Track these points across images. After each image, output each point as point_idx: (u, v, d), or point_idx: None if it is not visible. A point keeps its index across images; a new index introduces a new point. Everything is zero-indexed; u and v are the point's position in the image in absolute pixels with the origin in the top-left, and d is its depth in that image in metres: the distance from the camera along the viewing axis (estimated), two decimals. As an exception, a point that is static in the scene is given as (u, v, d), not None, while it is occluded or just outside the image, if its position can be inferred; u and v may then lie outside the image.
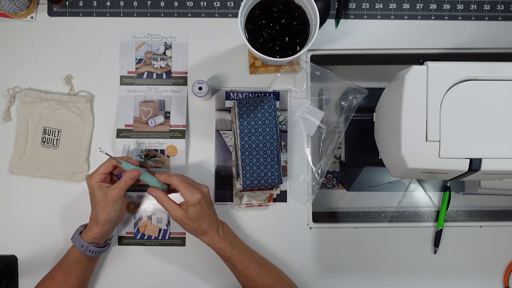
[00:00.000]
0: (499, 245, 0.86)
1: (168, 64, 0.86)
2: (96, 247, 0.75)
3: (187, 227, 0.74)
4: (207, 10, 0.86)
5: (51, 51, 0.86)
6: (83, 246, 0.74)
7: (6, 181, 0.85)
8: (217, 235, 0.75)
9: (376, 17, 0.87)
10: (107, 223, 0.74)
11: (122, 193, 0.73)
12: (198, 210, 0.73)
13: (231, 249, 0.76)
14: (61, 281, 0.75)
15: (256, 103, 0.82)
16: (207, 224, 0.74)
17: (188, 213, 0.72)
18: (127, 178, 0.73)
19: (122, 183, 0.73)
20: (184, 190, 0.72)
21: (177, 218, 0.73)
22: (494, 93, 0.62)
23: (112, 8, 0.86)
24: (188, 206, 0.72)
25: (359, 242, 0.86)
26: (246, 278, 0.76)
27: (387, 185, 1.06)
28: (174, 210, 0.73)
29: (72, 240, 0.76)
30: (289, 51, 0.74)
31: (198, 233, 0.75)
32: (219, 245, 0.75)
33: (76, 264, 0.75)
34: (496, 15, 0.87)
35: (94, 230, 0.74)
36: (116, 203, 0.73)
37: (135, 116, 0.85)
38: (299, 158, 0.86)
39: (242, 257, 0.76)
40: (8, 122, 0.85)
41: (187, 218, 0.73)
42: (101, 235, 0.75)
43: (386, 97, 0.73)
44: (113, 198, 0.72)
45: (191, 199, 0.72)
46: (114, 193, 0.72)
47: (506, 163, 0.61)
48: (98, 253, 0.77)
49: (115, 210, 0.74)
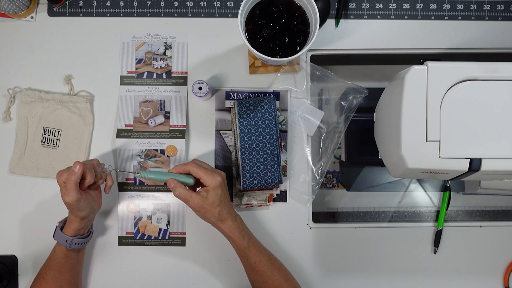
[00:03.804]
0: (499, 245, 0.86)
1: (168, 64, 0.86)
2: (80, 238, 0.75)
3: (209, 214, 0.72)
4: (207, 10, 0.86)
5: (51, 51, 0.86)
6: (68, 241, 0.73)
7: (6, 181, 0.85)
8: (236, 223, 0.75)
9: (376, 17, 0.87)
10: (84, 218, 0.73)
11: (73, 193, 0.68)
12: (220, 193, 0.72)
13: (248, 240, 0.76)
14: (53, 279, 0.75)
15: (256, 103, 0.82)
16: (227, 209, 0.74)
17: (209, 199, 0.71)
18: (68, 176, 0.68)
19: (69, 184, 0.68)
20: (204, 175, 0.71)
21: (197, 205, 0.71)
22: (494, 93, 0.62)
23: (112, 8, 0.86)
24: (209, 191, 0.71)
25: (359, 242, 0.86)
26: (258, 272, 0.76)
27: (387, 185, 1.06)
28: (194, 197, 0.71)
29: (55, 238, 0.75)
30: (289, 51, 0.74)
31: (219, 219, 0.73)
32: (237, 234, 0.74)
33: (64, 260, 0.75)
34: (496, 15, 0.87)
35: (74, 225, 0.73)
36: (77, 203, 0.70)
37: (135, 116, 0.85)
38: (299, 158, 0.86)
39: (257, 250, 0.76)
40: (8, 122, 0.85)
41: (209, 204, 0.71)
42: (83, 227, 0.75)
43: (386, 97, 0.73)
44: (67, 202, 0.69)
45: (212, 183, 0.71)
46: (66, 197, 0.69)
47: (506, 163, 0.61)
48: (84, 244, 0.76)
49: (83, 209, 0.71)
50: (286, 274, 0.78)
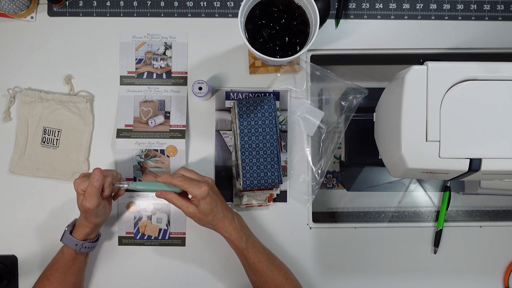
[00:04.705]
0: (499, 245, 0.86)
1: (168, 64, 0.86)
2: (90, 242, 0.76)
3: (203, 222, 0.74)
4: (207, 10, 0.86)
5: (51, 51, 0.86)
6: (78, 245, 0.74)
7: (6, 181, 0.85)
8: (233, 225, 0.75)
9: (376, 17, 0.87)
10: (100, 223, 0.76)
11: (94, 199, 0.70)
12: (209, 202, 0.72)
13: (246, 241, 0.76)
14: (58, 281, 0.75)
15: (256, 103, 0.82)
16: (221, 214, 0.74)
17: (201, 208, 0.72)
18: (91, 182, 0.70)
19: (88, 189, 0.70)
20: (190, 187, 0.71)
21: (191, 215, 0.73)
22: (494, 93, 0.62)
23: (112, 8, 0.86)
24: (199, 201, 0.72)
25: (359, 242, 0.86)
26: (257, 272, 0.76)
27: (387, 185, 1.06)
28: (186, 207, 0.73)
29: (63, 241, 0.75)
30: (289, 51, 0.74)
31: (214, 225, 0.74)
32: (235, 236, 0.75)
33: (72, 263, 0.76)
34: (496, 15, 0.87)
35: (85, 230, 0.75)
36: (97, 209, 0.72)
37: (135, 116, 0.85)
38: (299, 158, 0.86)
39: (255, 251, 0.76)
40: (8, 122, 0.85)
41: (200, 213, 0.72)
42: (95, 231, 0.77)
43: (386, 97, 0.73)
44: (88, 208, 0.71)
45: (199, 194, 0.71)
46: (87, 203, 0.70)
47: (506, 163, 0.61)
48: (93, 248, 0.78)
49: (100, 215, 0.73)
50: (286, 273, 0.78)
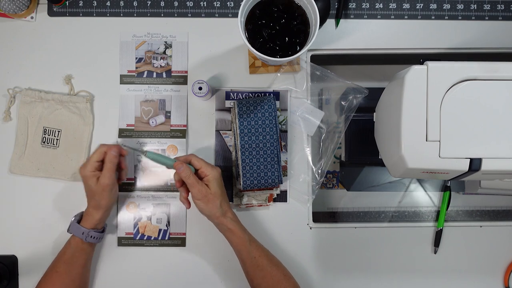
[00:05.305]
0: (499, 245, 0.86)
1: (168, 63, 0.86)
2: (96, 232, 0.77)
3: (212, 204, 0.74)
4: (207, 10, 0.86)
5: (51, 51, 0.86)
6: (84, 233, 0.75)
7: (6, 181, 0.85)
8: (236, 217, 0.77)
9: (376, 17, 0.87)
10: (110, 207, 0.78)
11: (113, 175, 0.75)
12: (220, 184, 0.75)
13: (248, 235, 0.77)
14: (65, 272, 0.76)
15: (256, 103, 0.82)
16: (226, 202, 0.77)
17: (212, 188, 0.74)
18: (110, 158, 0.75)
19: (108, 165, 0.74)
20: (205, 166, 0.75)
21: (202, 194, 0.73)
22: (494, 93, 0.62)
23: (112, 8, 0.86)
24: (210, 181, 0.74)
25: (359, 242, 0.86)
26: (258, 267, 0.76)
27: (387, 185, 1.06)
28: (200, 185, 0.73)
29: (70, 231, 0.77)
30: (289, 51, 0.74)
31: (221, 211, 0.75)
32: (238, 227, 0.76)
33: (79, 253, 0.76)
34: (496, 15, 0.87)
35: (95, 217, 0.76)
36: (113, 187, 0.76)
37: (136, 116, 0.85)
38: (299, 158, 0.86)
39: (256, 244, 0.77)
40: (8, 122, 0.85)
41: (211, 194, 0.74)
42: (102, 220, 0.78)
43: (386, 97, 0.73)
44: (107, 184, 0.74)
45: (212, 173, 0.74)
46: (106, 180, 0.74)
47: (506, 163, 0.61)
48: (99, 239, 0.79)
49: (114, 194, 0.77)
50: (284, 271, 0.78)
